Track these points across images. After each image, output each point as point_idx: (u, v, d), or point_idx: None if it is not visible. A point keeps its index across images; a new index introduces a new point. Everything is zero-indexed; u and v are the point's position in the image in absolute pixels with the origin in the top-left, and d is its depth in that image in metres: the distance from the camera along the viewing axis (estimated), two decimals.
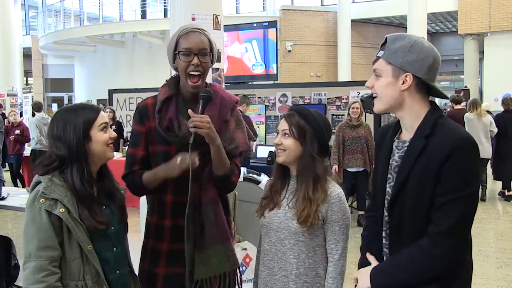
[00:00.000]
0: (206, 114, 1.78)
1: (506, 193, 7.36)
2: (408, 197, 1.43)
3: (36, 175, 1.65)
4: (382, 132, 1.68)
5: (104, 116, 1.71)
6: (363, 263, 1.61)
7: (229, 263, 1.87)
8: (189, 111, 1.73)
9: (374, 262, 1.56)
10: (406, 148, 1.48)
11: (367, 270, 1.53)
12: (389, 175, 1.52)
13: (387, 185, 1.52)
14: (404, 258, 1.43)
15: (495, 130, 7.05)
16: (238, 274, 1.93)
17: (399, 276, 1.43)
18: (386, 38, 1.51)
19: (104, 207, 1.70)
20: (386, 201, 1.52)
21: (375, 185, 1.64)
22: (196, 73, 1.79)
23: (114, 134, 1.74)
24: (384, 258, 1.57)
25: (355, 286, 1.59)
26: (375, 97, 1.53)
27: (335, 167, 5.57)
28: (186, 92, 1.86)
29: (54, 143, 1.64)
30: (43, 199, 1.55)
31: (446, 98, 1.69)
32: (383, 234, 1.55)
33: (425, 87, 1.48)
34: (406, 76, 1.44)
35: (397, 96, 1.47)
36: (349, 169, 5.72)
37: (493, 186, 8.28)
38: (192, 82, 1.80)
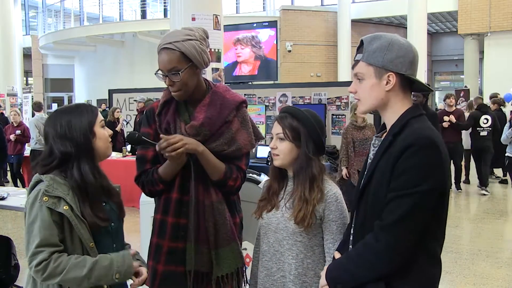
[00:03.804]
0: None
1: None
2: (370, 194, 1.43)
3: (36, 174, 1.64)
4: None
5: (100, 115, 1.76)
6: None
7: (241, 259, 1.94)
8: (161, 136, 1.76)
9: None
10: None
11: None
12: (365, 173, 1.52)
13: (361, 183, 1.53)
14: (354, 252, 1.45)
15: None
16: (245, 271, 1.98)
17: (349, 269, 1.44)
18: (361, 41, 1.49)
19: (104, 204, 1.71)
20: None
21: None
22: (174, 93, 1.83)
23: (110, 132, 1.79)
24: None
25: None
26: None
27: (344, 171, 5.52)
28: None
29: (60, 141, 1.63)
30: (46, 197, 1.55)
31: (431, 90, 1.63)
32: (351, 231, 1.56)
33: (408, 84, 1.47)
34: (389, 75, 1.43)
35: (382, 97, 1.46)
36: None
37: (494, 185, 8.31)
38: (176, 96, 1.85)
